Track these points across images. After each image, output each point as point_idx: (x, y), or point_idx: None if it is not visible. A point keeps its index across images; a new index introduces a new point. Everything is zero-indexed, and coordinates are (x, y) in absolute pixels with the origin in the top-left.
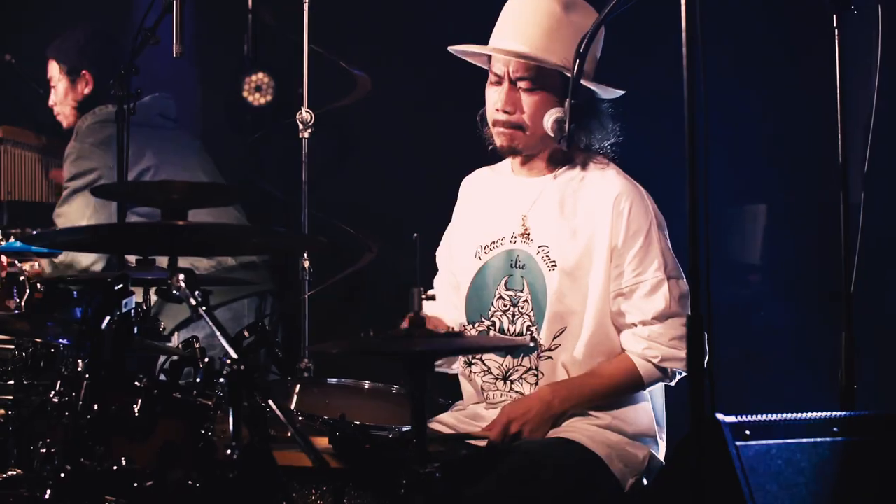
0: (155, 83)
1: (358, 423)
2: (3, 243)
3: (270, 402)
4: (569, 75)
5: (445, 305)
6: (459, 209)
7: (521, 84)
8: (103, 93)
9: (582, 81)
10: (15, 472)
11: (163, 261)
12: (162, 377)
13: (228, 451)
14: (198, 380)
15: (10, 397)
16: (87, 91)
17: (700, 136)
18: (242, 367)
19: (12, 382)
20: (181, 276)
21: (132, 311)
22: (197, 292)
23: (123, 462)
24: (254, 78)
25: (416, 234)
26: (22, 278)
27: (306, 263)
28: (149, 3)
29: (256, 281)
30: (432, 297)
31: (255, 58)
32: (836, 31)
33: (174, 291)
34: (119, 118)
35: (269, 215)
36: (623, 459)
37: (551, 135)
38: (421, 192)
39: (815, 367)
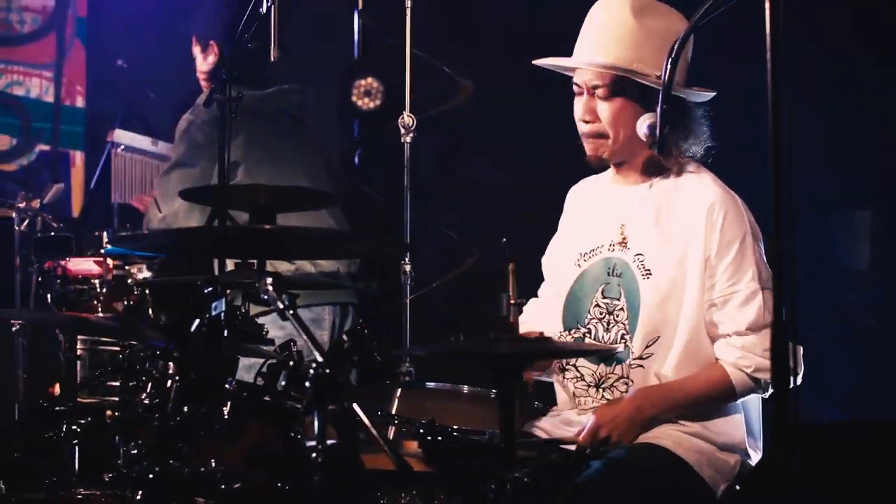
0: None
1: (448, 426)
2: (109, 246)
3: (355, 405)
4: (642, 81)
5: (549, 314)
6: (564, 218)
7: (598, 92)
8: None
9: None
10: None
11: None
12: (259, 381)
13: (313, 455)
14: (282, 383)
15: (117, 398)
16: (214, 60)
17: (784, 143)
18: (328, 371)
19: (118, 384)
20: (269, 280)
21: (222, 314)
22: (284, 296)
23: (212, 464)
24: (363, 82)
25: (504, 239)
26: (130, 281)
27: (407, 267)
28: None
29: (338, 288)
30: (520, 305)
31: (364, 62)
32: None
33: (262, 295)
34: (220, 123)
35: (372, 220)
36: (713, 465)
37: (644, 141)
38: (525, 196)
39: None
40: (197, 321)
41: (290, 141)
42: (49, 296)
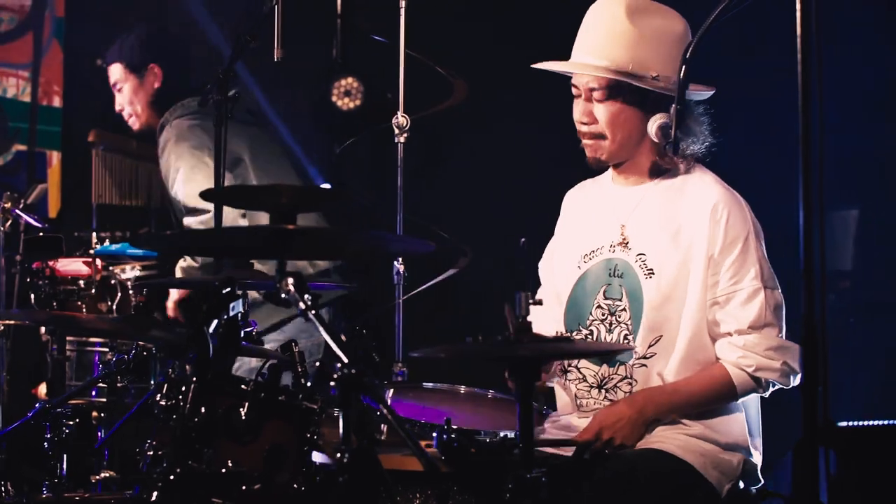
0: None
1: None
2: (98, 247)
3: (383, 407)
4: (638, 84)
5: (549, 318)
6: (562, 221)
7: (595, 95)
8: (175, 87)
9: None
10: (108, 475)
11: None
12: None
13: (338, 455)
14: (308, 383)
15: (104, 399)
16: (157, 85)
17: (815, 144)
18: (354, 371)
19: (106, 385)
20: (290, 280)
21: (238, 314)
22: (306, 296)
23: (230, 465)
24: (343, 82)
25: (523, 239)
26: (113, 282)
27: (401, 268)
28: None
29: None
30: (539, 303)
31: (343, 62)
32: None
33: (283, 295)
34: (217, 123)
35: (353, 220)
36: (717, 467)
37: (656, 141)
38: (517, 198)
39: None
40: (215, 322)
41: (262, 140)
42: (33, 296)
